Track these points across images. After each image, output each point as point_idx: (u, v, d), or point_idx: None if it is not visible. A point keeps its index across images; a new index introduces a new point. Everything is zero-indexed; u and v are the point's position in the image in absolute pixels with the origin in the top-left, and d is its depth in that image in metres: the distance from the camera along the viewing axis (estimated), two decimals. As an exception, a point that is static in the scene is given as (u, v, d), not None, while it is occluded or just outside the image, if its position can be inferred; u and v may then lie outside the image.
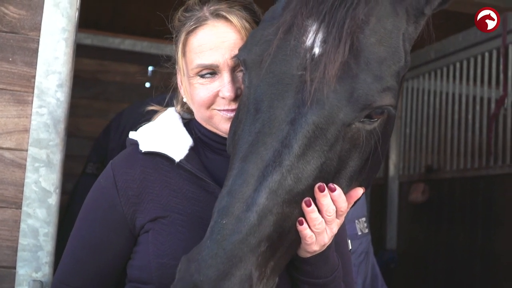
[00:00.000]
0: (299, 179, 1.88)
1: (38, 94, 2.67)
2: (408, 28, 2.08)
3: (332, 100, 1.89)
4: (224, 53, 2.28)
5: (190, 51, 2.34)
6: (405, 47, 2.06)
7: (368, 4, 1.97)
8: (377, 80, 1.91)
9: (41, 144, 2.67)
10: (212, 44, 2.30)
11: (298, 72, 1.93)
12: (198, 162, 2.35)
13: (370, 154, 2.02)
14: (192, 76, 2.33)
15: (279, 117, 1.91)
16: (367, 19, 1.96)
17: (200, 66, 2.30)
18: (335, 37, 1.90)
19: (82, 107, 6.96)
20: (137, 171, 2.32)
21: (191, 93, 2.35)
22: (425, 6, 2.09)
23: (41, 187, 2.66)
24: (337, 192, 1.95)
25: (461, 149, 6.32)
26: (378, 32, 1.98)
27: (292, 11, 2.01)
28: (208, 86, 2.30)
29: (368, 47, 1.93)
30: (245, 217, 1.81)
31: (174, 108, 2.55)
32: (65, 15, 2.70)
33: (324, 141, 1.91)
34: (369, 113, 1.93)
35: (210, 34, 2.32)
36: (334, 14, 1.94)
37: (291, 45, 1.96)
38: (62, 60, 2.70)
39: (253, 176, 1.85)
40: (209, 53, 2.29)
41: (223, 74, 2.29)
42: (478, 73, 6.17)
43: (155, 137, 2.39)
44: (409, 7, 2.08)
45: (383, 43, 1.97)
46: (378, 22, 1.98)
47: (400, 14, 2.05)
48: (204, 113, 2.34)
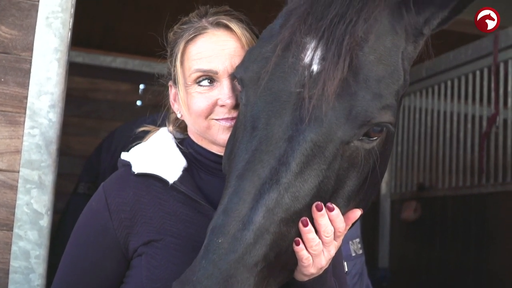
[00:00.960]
0: (296, 198, 1.85)
1: (30, 114, 2.65)
2: (407, 47, 2.07)
3: (331, 117, 1.87)
4: (224, 60, 2.27)
5: (189, 59, 2.32)
6: (404, 65, 2.04)
7: (367, 22, 1.96)
8: (376, 98, 1.89)
9: (33, 165, 2.64)
10: (212, 52, 2.29)
11: (296, 90, 1.91)
12: (192, 183, 2.32)
13: (368, 174, 1.99)
14: (190, 85, 2.30)
15: (276, 135, 1.89)
16: (366, 37, 1.94)
17: (198, 70, 2.28)
18: (334, 54, 1.89)
19: (73, 126, 6.93)
20: (129, 193, 2.29)
21: (188, 103, 2.31)
22: (423, 26, 2.08)
23: (32, 209, 2.63)
24: (335, 212, 1.92)
25: (453, 167, 6.32)
26: (377, 50, 1.96)
27: (290, 28, 1.99)
28: (207, 94, 2.28)
29: (367, 64, 1.92)
30: (241, 236, 1.78)
31: (166, 128, 2.52)
32: (58, 35, 2.69)
33: (322, 159, 1.88)
34: (368, 131, 1.91)
35: (210, 42, 2.31)
36: (333, 31, 1.92)
37: (289, 62, 1.94)
38: (55, 80, 2.68)
39: (249, 194, 1.82)
40: (208, 59, 2.28)
41: (222, 82, 2.26)
42: (470, 91, 6.18)
43: (148, 158, 2.36)
44: (408, 26, 2.06)
45: (382, 61, 1.95)
46: (377, 40, 1.97)
47: (399, 32, 2.04)
48: (202, 124, 2.30)
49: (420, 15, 2.06)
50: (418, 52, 2.15)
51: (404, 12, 2.06)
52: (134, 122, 4.33)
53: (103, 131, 6.74)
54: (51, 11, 2.69)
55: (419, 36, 2.10)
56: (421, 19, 2.07)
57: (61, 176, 3.34)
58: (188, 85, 2.30)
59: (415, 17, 2.06)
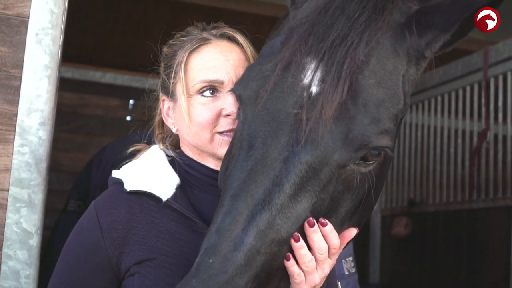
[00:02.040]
0: (289, 219, 1.83)
1: (19, 132, 2.61)
2: (408, 70, 2.04)
3: (327, 140, 1.85)
4: (229, 70, 2.25)
5: (193, 69, 2.28)
6: (405, 89, 2.01)
7: (369, 45, 1.93)
8: (374, 122, 1.86)
9: (22, 183, 2.60)
10: (217, 62, 2.27)
11: (294, 111, 1.89)
12: (185, 201, 2.29)
13: (363, 197, 1.97)
14: (192, 95, 2.27)
15: (272, 155, 1.86)
16: (367, 60, 1.92)
17: (203, 81, 2.25)
18: (333, 77, 1.86)
19: (62, 141, 6.87)
20: (122, 211, 2.25)
21: (191, 114, 2.27)
22: (425, 49, 2.04)
23: (22, 228, 2.59)
24: (328, 227, 1.89)
25: (444, 183, 6.32)
26: (378, 73, 1.93)
27: (291, 47, 1.96)
28: (210, 105, 2.25)
29: (367, 88, 1.89)
30: (232, 256, 1.76)
31: (157, 146, 2.49)
32: (48, 52, 2.66)
33: (316, 181, 1.86)
34: (365, 155, 1.88)
35: (214, 52, 2.29)
36: (333, 53, 1.90)
37: (288, 83, 1.92)
38: (45, 97, 2.64)
39: (242, 214, 1.81)
40: (213, 69, 2.26)
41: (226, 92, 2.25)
42: (460, 106, 6.20)
43: (140, 175, 2.32)
44: (410, 48, 2.03)
45: (382, 84, 1.93)
46: (378, 63, 1.94)
47: (401, 55, 2.01)
48: (205, 136, 2.26)
49: (422, 38, 2.02)
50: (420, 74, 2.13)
51: (406, 35, 2.03)
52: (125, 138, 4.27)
53: (92, 147, 6.69)
54: (41, 28, 2.66)
55: (421, 58, 2.06)
56: (423, 42, 2.03)
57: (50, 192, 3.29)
58: (190, 95, 2.28)
59: (417, 40, 2.03)
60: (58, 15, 2.68)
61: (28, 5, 2.66)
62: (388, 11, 2.00)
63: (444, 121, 6.39)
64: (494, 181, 5.68)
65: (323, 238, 1.90)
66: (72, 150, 6.98)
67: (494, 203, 5.60)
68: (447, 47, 2.05)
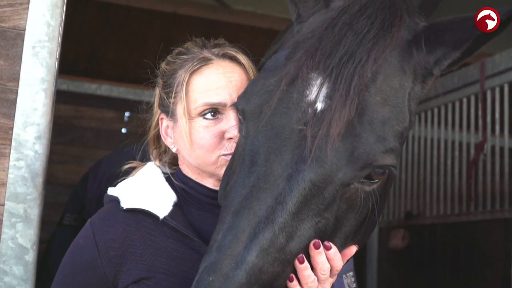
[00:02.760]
0: (292, 238, 1.81)
1: (15, 146, 2.57)
2: (414, 87, 2.02)
3: (332, 158, 1.82)
4: (231, 92, 2.22)
5: (194, 91, 2.25)
6: (410, 107, 2.00)
7: (377, 62, 1.91)
8: (379, 141, 1.85)
9: (18, 198, 2.56)
10: (220, 83, 2.23)
11: (298, 127, 1.86)
12: (183, 218, 2.25)
13: (367, 216, 1.95)
14: (194, 117, 2.23)
15: (275, 172, 1.84)
16: (374, 77, 1.90)
17: (206, 104, 2.22)
18: (341, 94, 1.84)
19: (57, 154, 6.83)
20: (119, 229, 2.22)
21: (193, 137, 2.24)
22: (434, 66, 2.02)
23: (18, 243, 2.55)
24: (332, 250, 1.88)
25: (441, 195, 6.29)
26: (384, 91, 1.91)
27: (297, 62, 1.94)
28: (213, 128, 2.22)
29: (373, 106, 1.87)
30: (233, 275, 1.73)
31: (153, 163, 2.45)
32: (45, 65, 2.62)
33: (320, 200, 1.84)
34: (369, 173, 1.87)
35: (217, 73, 2.26)
36: (341, 70, 1.88)
37: (293, 98, 1.90)
38: (41, 111, 2.61)
39: (244, 232, 1.78)
40: (216, 91, 2.22)
41: (229, 114, 2.21)
42: (457, 118, 6.17)
43: (137, 193, 2.29)
44: (417, 66, 2.01)
45: (388, 102, 1.91)
46: (384, 81, 1.92)
47: (407, 72, 1.99)
48: (209, 159, 2.23)
49: (431, 55, 2.01)
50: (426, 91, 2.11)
51: (414, 52, 2.01)
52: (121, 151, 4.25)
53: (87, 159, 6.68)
54: (38, 40, 2.63)
55: (428, 76, 2.05)
56: (432, 59, 2.01)
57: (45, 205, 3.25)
58: (192, 118, 2.24)
59: (426, 57, 2.01)
60: (54, 27, 2.65)
61: (24, 18, 2.63)
62: (396, 28, 1.99)
63: (441, 133, 6.37)
64: (491, 193, 5.65)
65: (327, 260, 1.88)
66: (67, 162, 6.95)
67: (492, 216, 5.56)
68: (455, 64, 2.04)
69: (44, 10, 2.64)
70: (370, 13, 2.00)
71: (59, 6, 2.67)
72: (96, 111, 7.25)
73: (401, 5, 2.07)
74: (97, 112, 7.26)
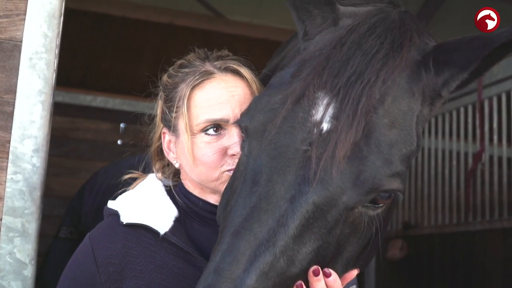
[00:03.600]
0: (292, 262, 1.75)
1: (13, 159, 2.53)
2: (423, 110, 1.96)
3: (337, 181, 1.76)
4: (234, 107, 2.17)
5: (196, 106, 2.20)
6: (418, 130, 1.94)
7: (386, 83, 1.86)
8: (386, 164, 1.79)
9: (16, 212, 2.52)
10: (222, 98, 2.18)
11: (303, 147, 1.80)
12: (184, 234, 2.21)
13: (370, 240, 1.89)
14: (196, 134, 2.19)
15: (278, 193, 1.78)
16: (382, 99, 1.84)
17: (208, 121, 2.17)
18: (349, 115, 1.78)
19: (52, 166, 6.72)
20: (118, 245, 2.17)
21: (195, 153, 2.19)
22: (442, 88, 1.96)
23: (16, 258, 2.50)
24: (332, 277, 1.83)
25: (439, 205, 6.28)
26: (392, 113, 1.86)
27: (303, 81, 1.88)
28: (215, 144, 2.17)
29: (380, 128, 1.81)
30: None
31: (154, 175, 2.41)
32: (42, 76, 2.58)
33: (323, 223, 1.78)
34: (375, 197, 1.81)
35: (219, 87, 2.20)
36: (349, 90, 1.82)
37: (299, 117, 1.84)
38: (39, 123, 2.57)
39: (244, 254, 1.72)
40: (218, 107, 2.17)
41: (231, 130, 2.16)
42: (454, 128, 6.16)
43: (137, 207, 2.24)
44: (425, 88, 1.95)
45: (396, 125, 1.85)
46: (393, 103, 1.87)
47: (416, 95, 1.94)
48: (212, 175, 2.19)
49: (439, 76, 1.95)
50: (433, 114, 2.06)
51: (423, 73, 1.96)
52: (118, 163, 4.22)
53: (83, 171, 6.62)
54: (35, 52, 2.59)
55: (436, 98, 1.99)
56: (440, 81, 1.95)
57: (41, 218, 3.22)
58: (194, 134, 2.19)
59: (434, 78, 1.95)
60: (52, 38, 2.62)
61: (21, 29, 2.60)
62: (406, 49, 1.94)
63: (439, 143, 6.36)
64: (490, 203, 5.64)
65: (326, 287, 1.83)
66: (63, 174, 6.89)
67: (491, 225, 5.55)
68: (463, 86, 1.98)
69: (41, 21, 2.60)
70: (379, 32, 1.95)
71: (56, 17, 2.63)
72: (91, 123, 7.20)
73: (411, 25, 2.02)
74: (92, 123, 7.21)
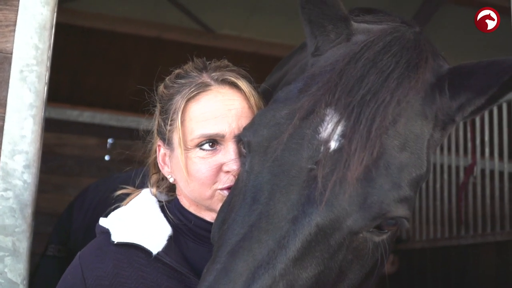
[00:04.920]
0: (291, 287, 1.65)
1: (3, 176, 2.45)
2: (434, 134, 1.88)
3: (342, 203, 1.67)
4: (231, 122, 2.08)
5: (191, 120, 2.10)
6: (429, 155, 1.85)
7: (400, 104, 1.78)
8: (395, 188, 1.69)
9: (6, 230, 2.43)
10: (218, 112, 2.09)
11: (308, 166, 1.71)
12: (178, 253, 2.12)
13: (373, 267, 1.80)
14: (190, 149, 2.09)
15: (279, 213, 1.68)
16: (395, 120, 1.76)
17: (203, 136, 2.07)
18: (362, 136, 1.70)
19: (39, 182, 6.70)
20: (109, 265, 2.08)
21: (189, 169, 2.10)
22: (456, 112, 1.89)
23: (7, 278, 2.41)
24: None
25: (431, 219, 6.26)
26: (404, 135, 1.77)
27: (313, 96, 1.80)
28: (210, 160, 2.08)
29: (391, 150, 1.73)
30: None
31: (149, 190, 2.32)
32: (33, 90, 2.51)
33: (326, 247, 1.68)
34: (380, 223, 1.71)
35: (215, 100, 2.11)
36: (363, 109, 1.74)
37: (306, 134, 1.75)
38: (30, 138, 2.49)
39: (241, 276, 1.61)
40: (214, 121, 2.08)
41: (227, 146, 2.07)
42: (445, 141, 6.14)
43: (129, 225, 2.15)
44: (439, 111, 1.88)
45: (406, 147, 1.76)
46: (405, 124, 1.79)
47: (429, 118, 1.86)
48: (205, 193, 2.10)
49: (454, 101, 1.88)
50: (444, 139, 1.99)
51: (437, 96, 1.88)
52: (108, 178, 4.15)
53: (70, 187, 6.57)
54: (26, 64, 2.51)
55: (449, 123, 1.91)
56: (455, 105, 1.88)
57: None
58: (188, 149, 2.10)
59: (449, 102, 1.88)
60: (43, 50, 2.54)
61: (11, 40, 2.52)
62: (422, 70, 1.86)
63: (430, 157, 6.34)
64: (482, 216, 5.63)
65: None
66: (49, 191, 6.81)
67: (483, 239, 5.53)
68: (479, 111, 1.90)
69: (32, 33, 2.53)
70: (395, 51, 1.88)
71: (47, 28, 2.56)
72: (78, 138, 7.14)
73: (426, 46, 1.95)
74: (79, 139, 7.15)
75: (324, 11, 1.99)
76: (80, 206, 4.04)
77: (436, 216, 6.18)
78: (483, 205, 5.65)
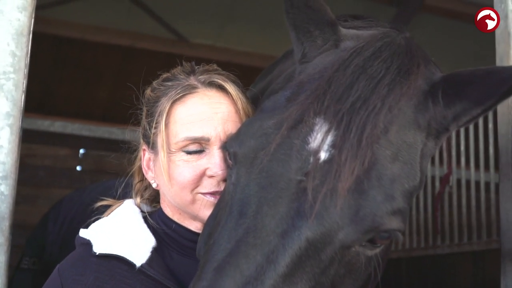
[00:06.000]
0: None
1: (-21, 188, 2.37)
2: (427, 144, 1.83)
3: (333, 216, 1.61)
4: (216, 125, 2.04)
5: (176, 122, 2.06)
6: (422, 165, 1.80)
7: (392, 111, 1.73)
8: (388, 200, 1.64)
9: (-18, 244, 2.35)
10: (204, 115, 2.05)
11: (297, 177, 1.65)
12: (162, 265, 2.06)
13: (366, 282, 1.75)
14: (175, 152, 2.05)
15: (268, 227, 1.62)
16: (386, 128, 1.71)
17: (188, 139, 2.03)
18: (353, 145, 1.64)
19: (9, 194, 6.58)
20: (89, 278, 2.02)
21: (171, 172, 2.05)
22: (451, 122, 1.83)
23: (-17, 294, 2.33)
24: None
25: (407, 228, 6.23)
26: (396, 144, 1.72)
27: (301, 105, 1.74)
28: (194, 163, 2.03)
29: (383, 160, 1.67)
30: None
31: (131, 200, 2.26)
32: (10, 98, 2.43)
33: (316, 262, 1.63)
34: (373, 236, 1.65)
35: (201, 103, 2.07)
36: (353, 117, 1.68)
37: (294, 144, 1.69)
38: (7, 149, 2.42)
39: None
40: (199, 124, 2.03)
41: (212, 150, 2.03)
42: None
43: (111, 236, 2.09)
44: (432, 120, 1.82)
45: (399, 157, 1.71)
46: (397, 133, 1.74)
47: (422, 126, 1.81)
48: (186, 197, 2.05)
49: (449, 110, 1.82)
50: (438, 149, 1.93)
51: (430, 104, 1.83)
52: (83, 190, 4.07)
53: (41, 198, 6.45)
54: (2, 72, 2.44)
55: (442, 132, 1.85)
56: (450, 114, 1.82)
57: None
58: (172, 152, 2.05)
59: (443, 111, 1.82)
60: (20, 57, 2.47)
61: (-13, 47, 2.44)
62: (414, 76, 1.82)
63: (406, 166, 6.34)
64: (458, 226, 5.63)
65: None
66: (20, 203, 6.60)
67: (460, 249, 5.55)
68: (472, 121, 1.86)
69: (9, 39, 2.45)
70: (385, 57, 1.83)
71: (24, 35, 2.48)
72: (49, 149, 7.01)
73: (418, 52, 1.92)
74: (50, 149, 7.01)
75: (310, 16, 1.94)
76: (55, 218, 3.96)
77: (412, 226, 6.17)
78: (459, 214, 5.66)
